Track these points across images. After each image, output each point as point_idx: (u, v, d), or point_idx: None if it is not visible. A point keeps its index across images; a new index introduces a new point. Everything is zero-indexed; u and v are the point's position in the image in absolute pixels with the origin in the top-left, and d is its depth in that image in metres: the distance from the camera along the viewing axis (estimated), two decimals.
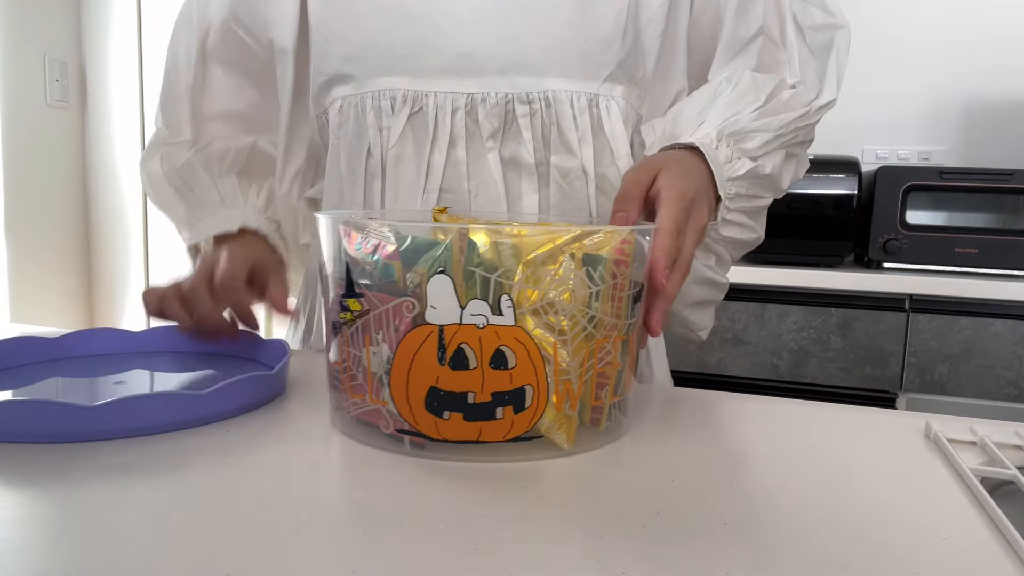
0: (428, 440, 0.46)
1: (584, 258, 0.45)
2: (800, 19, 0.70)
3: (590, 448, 0.48)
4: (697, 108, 0.67)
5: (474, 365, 0.44)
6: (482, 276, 0.43)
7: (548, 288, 0.44)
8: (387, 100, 0.67)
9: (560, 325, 0.45)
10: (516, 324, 0.44)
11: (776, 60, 0.70)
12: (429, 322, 0.43)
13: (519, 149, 0.67)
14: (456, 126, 0.66)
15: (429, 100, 0.66)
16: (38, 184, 2.33)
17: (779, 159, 0.67)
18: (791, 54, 0.70)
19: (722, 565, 0.34)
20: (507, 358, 0.44)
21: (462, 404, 0.44)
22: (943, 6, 2.01)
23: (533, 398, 0.45)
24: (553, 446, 0.47)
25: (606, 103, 0.67)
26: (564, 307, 0.44)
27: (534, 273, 0.44)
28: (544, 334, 0.44)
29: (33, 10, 2.28)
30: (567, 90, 0.66)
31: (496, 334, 0.43)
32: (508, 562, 0.33)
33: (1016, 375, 1.54)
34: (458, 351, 0.43)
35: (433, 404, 0.44)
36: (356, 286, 0.46)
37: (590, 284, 0.45)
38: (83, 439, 0.46)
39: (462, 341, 0.43)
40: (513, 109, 0.66)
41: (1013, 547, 0.36)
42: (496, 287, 0.43)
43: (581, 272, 0.45)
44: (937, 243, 1.67)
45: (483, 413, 0.44)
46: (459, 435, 0.45)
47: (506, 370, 0.44)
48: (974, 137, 2.02)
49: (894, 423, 0.57)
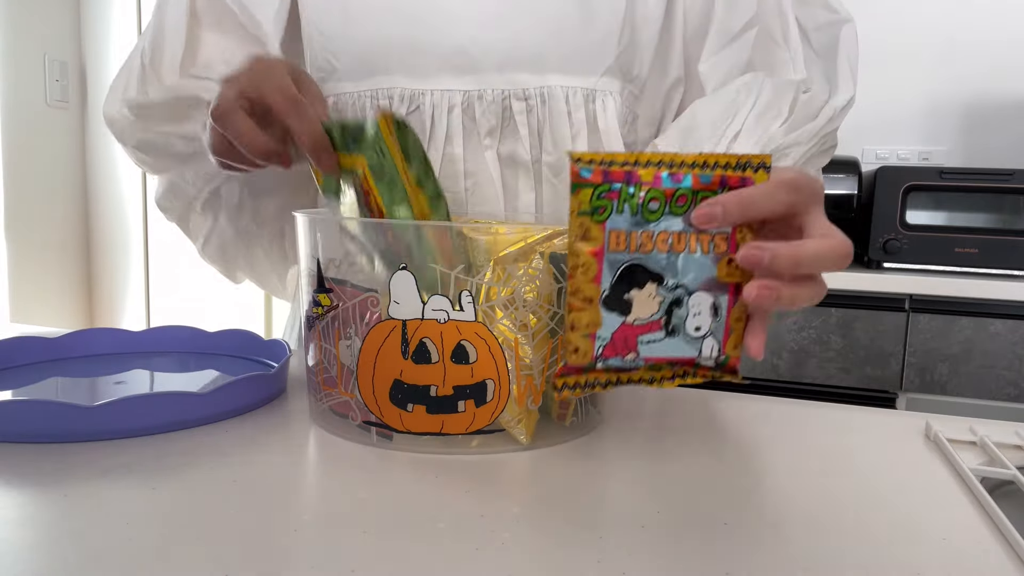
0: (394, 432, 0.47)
1: (551, 257, 0.46)
2: (803, 21, 0.69)
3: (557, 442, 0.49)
4: (713, 118, 0.65)
5: (436, 359, 0.45)
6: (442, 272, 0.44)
7: (516, 285, 0.46)
8: (384, 100, 0.67)
9: (526, 320, 0.46)
10: (477, 319, 0.45)
11: (776, 59, 0.69)
12: (393, 317, 0.45)
13: (516, 147, 0.66)
14: (452, 124, 0.66)
15: (425, 99, 0.66)
16: (38, 184, 2.33)
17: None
18: (795, 54, 0.68)
19: (722, 565, 0.34)
20: (468, 352, 0.45)
21: (425, 397, 0.46)
22: (943, 6, 2.01)
23: (495, 392, 0.46)
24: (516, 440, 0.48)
25: (602, 99, 0.67)
26: (529, 304, 0.46)
27: (504, 271, 0.45)
28: (509, 328, 0.46)
29: (33, 10, 2.28)
30: (563, 86, 0.65)
31: (457, 329, 0.45)
32: (508, 562, 0.33)
33: (1016, 375, 1.54)
34: (420, 345, 0.45)
35: (397, 396, 0.46)
36: (326, 281, 0.48)
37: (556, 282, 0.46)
38: (83, 439, 0.46)
39: (424, 335, 0.45)
40: (510, 106, 0.66)
41: (1013, 547, 0.36)
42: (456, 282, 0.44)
43: (548, 270, 0.46)
44: (937, 243, 1.66)
45: (446, 406, 0.46)
46: (423, 427, 0.47)
47: (467, 364, 0.45)
48: (974, 137, 2.02)
49: (894, 423, 0.57)
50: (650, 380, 0.43)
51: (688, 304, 0.42)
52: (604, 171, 0.41)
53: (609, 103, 0.67)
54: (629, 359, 0.42)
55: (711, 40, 0.69)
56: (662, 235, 0.41)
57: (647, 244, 0.41)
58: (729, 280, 0.42)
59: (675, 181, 0.41)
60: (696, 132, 0.66)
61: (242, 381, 0.52)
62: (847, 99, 0.67)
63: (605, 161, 0.41)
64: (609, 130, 0.67)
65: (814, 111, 0.66)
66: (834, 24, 0.69)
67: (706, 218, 0.40)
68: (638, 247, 0.41)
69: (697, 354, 0.42)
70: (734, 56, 0.69)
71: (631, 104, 0.70)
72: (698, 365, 0.43)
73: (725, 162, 0.41)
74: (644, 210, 0.41)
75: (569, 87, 0.66)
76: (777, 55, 0.69)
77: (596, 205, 0.40)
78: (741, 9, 0.68)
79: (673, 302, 0.42)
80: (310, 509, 0.39)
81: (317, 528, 0.36)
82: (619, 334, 0.42)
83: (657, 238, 0.41)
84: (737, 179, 0.41)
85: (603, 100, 0.67)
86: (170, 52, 0.71)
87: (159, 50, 0.71)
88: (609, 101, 0.67)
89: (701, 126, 0.66)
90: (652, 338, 0.42)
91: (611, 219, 0.41)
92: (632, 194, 0.41)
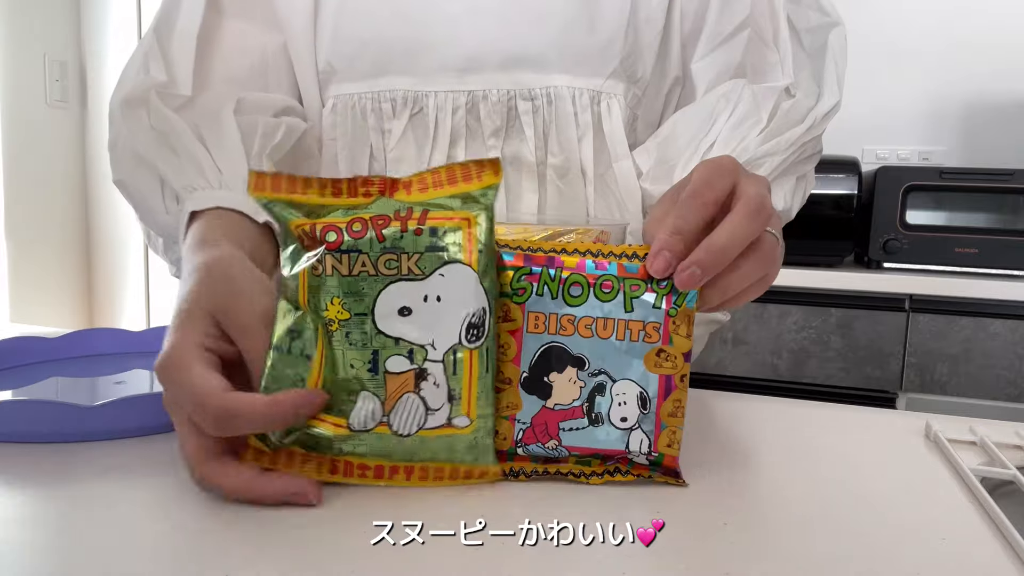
0: None
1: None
2: (795, 21, 0.68)
3: None
4: (691, 130, 0.65)
5: None
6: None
7: None
8: (387, 103, 0.66)
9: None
10: None
11: (766, 61, 0.68)
12: None
13: (521, 148, 0.66)
14: (456, 125, 0.66)
15: (429, 100, 0.66)
16: (38, 184, 2.33)
17: (789, 187, 0.66)
18: (784, 56, 0.68)
19: (722, 565, 0.34)
20: None
21: None
22: (943, 6, 2.01)
23: None
24: None
25: (607, 102, 0.67)
26: None
27: None
28: None
29: (33, 10, 2.28)
30: (570, 86, 0.65)
31: None
32: (509, 562, 0.33)
33: (1016, 375, 1.54)
34: None
35: None
36: None
37: None
38: (83, 439, 0.46)
39: None
40: (516, 106, 0.65)
41: (1013, 547, 0.36)
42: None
43: None
44: (937, 243, 1.67)
45: None
46: None
47: None
48: (974, 137, 2.02)
49: (894, 423, 0.57)
50: (579, 475, 0.42)
51: (612, 392, 0.41)
52: (525, 255, 0.42)
53: (614, 105, 0.67)
54: (550, 447, 0.42)
55: (704, 41, 0.69)
56: (585, 320, 0.41)
57: (568, 327, 0.41)
58: (658, 373, 0.41)
59: (599, 269, 0.41)
60: (674, 143, 0.66)
61: None
62: (831, 105, 0.66)
63: (532, 247, 0.42)
64: (614, 132, 0.67)
65: (797, 118, 0.65)
66: (824, 27, 0.68)
67: (690, 283, 0.40)
68: (558, 330, 0.41)
69: (625, 448, 0.42)
70: (725, 57, 0.68)
71: (634, 106, 0.70)
72: (632, 462, 0.42)
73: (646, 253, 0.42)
74: (566, 294, 0.41)
75: (576, 88, 0.65)
76: (767, 57, 0.68)
77: (516, 287, 0.41)
78: (734, 10, 0.67)
79: (595, 388, 0.41)
80: (310, 509, 0.39)
81: (317, 528, 0.36)
82: (539, 419, 0.42)
83: (579, 322, 0.41)
84: None
85: (608, 103, 0.67)
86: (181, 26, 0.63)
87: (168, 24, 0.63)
88: (614, 103, 0.67)
89: (679, 136, 0.66)
90: (574, 425, 0.41)
91: (530, 301, 0.41)
92: (553, 277, 0.41)
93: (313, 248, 0.40)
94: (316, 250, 0.40)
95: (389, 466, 0.41)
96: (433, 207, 0.41)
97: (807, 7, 0.69)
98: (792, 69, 0.67)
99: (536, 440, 0.42)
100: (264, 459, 0.40)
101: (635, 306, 0.41)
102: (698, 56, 0.69)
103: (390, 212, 0.40)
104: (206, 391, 0.37)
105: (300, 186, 0.41)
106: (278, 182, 0.41)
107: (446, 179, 0.42)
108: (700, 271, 0.40)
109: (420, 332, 0.40)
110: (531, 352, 0.41)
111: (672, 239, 0.41)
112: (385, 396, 0.40)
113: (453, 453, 0.41)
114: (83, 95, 2.45)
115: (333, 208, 0.41)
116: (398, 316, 0.39)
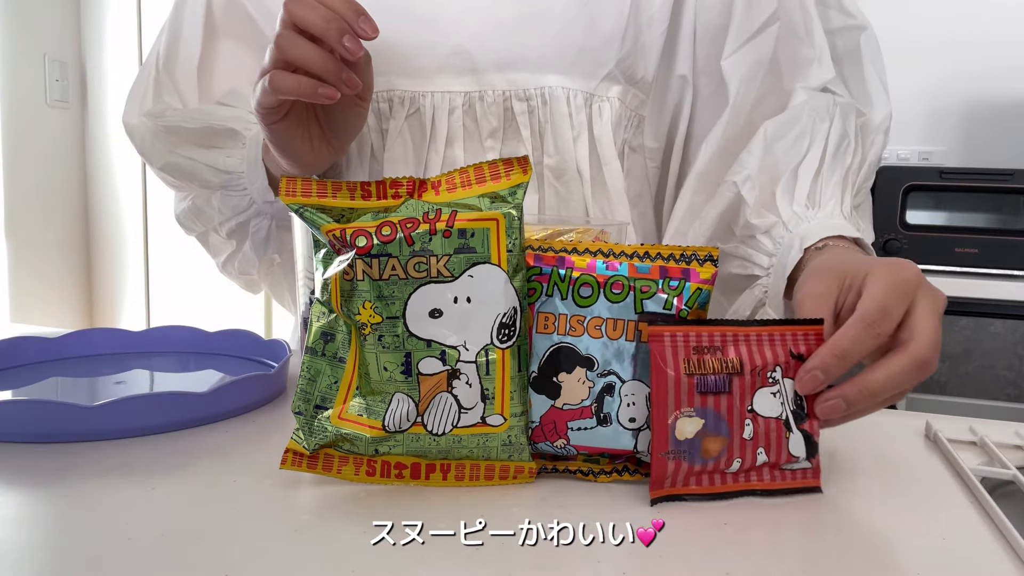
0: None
1: None
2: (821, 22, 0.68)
3: None
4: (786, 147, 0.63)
5: None
6: None
7: None
8: (384, 103, 0.66)
9: None
10: None
11: (801, 55, 0.67)
12: None
13: (518, 148, 0.66)
14: (453, 126, 0.66)
15: (426, 100, 0.66)
16: (38, 184, 2.33)
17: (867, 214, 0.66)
18: (820, 51, 0.67)
19: (722, 565, 0.34)
20: None
21: None
22: (943, 6, 2.01)
23: None
24: None
25: (599, 104, 0.67)
26: None
27: None
28: None
29: (33, 10, 2.28)
30: (564, 87, 0.65)
31: None
32: (509, 562, 0.33)
33: (1016, 375, 1.54)
34: None
35: None
36: None
37: None
38: (83, 439, 0.46)
39: None
40: (512, 107, 0.65)
41: (1013, 547, 0.36)
42: None
43: None
44: (937, 243, 1.66)
45: None
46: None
47: None
48: (974, 137, 2.02)
49: (894, 423, 0.57)
50: (587, 472, 0.42)
51: (620, 392, 0.41)
52: (536, 255, 0.42)
53: (605, 108, 0.67)
54: (559, 445, 0.42)
55: (732, 37, 0.67)
56: (594, 320, 0.41)
57: (577, 328, 0.41)
58: None
59: (610, 269, 0.41)
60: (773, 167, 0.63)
61: (242, 381, 0.52)
62: (885, 114, 0.66)
63: (542, 247, 0.42)
64: (602, 136, 0.67)
65: (871, 135, 0.64)
66: (851, 29, 0.67)
67: (812, 385, 0.40)
68: (568, 330, 0.41)
69: (633, 447, 0.42)
70: (756, 51, 0.67)
71: (635, 107, 0.70)
72: (640, 461, 0.42)
73: (668, 254, 0.42)
74: (575, 295, 0.41)
75: (570, 88, 0.65)
76: (802, 52, 0.68)
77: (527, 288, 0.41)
78: (762, 4, 0.67)
79: (604, 389, 0.41)
80: (310, 509, 0.39)
81: (317, 528, 0.36)
82: (548, 418, 0.42)
83: (589, 323, 0.41)
84: (679, 271, 0.41)
85: (599, 105, 0.67)
86: (184, 57, 0.72)
87: (174, 55, 0.72)
88: (605, 106, 0.67)
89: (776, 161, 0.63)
90: (582, 425, 0.42)
91: (540, 302, 0.41)
92: (563, 277, 0.41)
93: (344, 252, 0.40)
94: (347, 254, 0.40)
95: (425, 464, 0.41)
96: (461, 208, 0.41)
97: (830, 7, 0.68)
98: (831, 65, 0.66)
99: (545, 439, 0.42)
100: (303, 462, 0.41)
101: (646, 307, 0.41)
102: (727, 52, 0.68)
103: (419, 215, 0.40)
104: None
105: (330, 190, 0.41)
106: (308, 186, 0.41)
107: (474, 179, 0.42)
108: (845, 405, 0.40)
109: (452, 334, 0.40)
110: (540, 352, 0.42)
111: (832, 363, 0.40)
112: (419, 397, 0.40)
113: (488, 451, 0.41)
114: (83, 95, 2.45)
115: (363, 212, 0.41)
116: (429, 318, 0.40)
